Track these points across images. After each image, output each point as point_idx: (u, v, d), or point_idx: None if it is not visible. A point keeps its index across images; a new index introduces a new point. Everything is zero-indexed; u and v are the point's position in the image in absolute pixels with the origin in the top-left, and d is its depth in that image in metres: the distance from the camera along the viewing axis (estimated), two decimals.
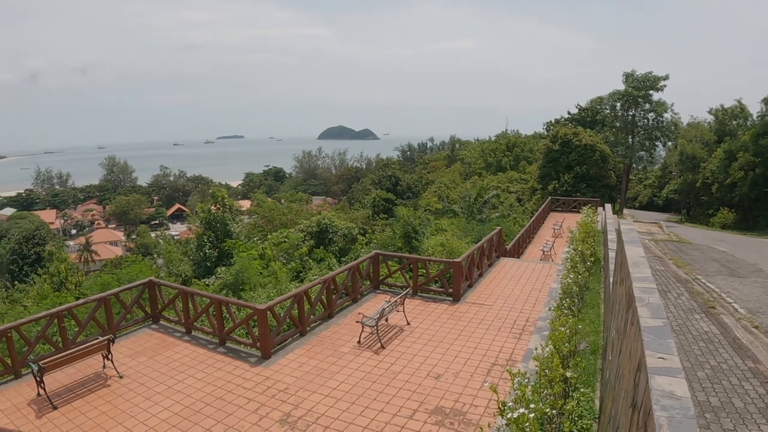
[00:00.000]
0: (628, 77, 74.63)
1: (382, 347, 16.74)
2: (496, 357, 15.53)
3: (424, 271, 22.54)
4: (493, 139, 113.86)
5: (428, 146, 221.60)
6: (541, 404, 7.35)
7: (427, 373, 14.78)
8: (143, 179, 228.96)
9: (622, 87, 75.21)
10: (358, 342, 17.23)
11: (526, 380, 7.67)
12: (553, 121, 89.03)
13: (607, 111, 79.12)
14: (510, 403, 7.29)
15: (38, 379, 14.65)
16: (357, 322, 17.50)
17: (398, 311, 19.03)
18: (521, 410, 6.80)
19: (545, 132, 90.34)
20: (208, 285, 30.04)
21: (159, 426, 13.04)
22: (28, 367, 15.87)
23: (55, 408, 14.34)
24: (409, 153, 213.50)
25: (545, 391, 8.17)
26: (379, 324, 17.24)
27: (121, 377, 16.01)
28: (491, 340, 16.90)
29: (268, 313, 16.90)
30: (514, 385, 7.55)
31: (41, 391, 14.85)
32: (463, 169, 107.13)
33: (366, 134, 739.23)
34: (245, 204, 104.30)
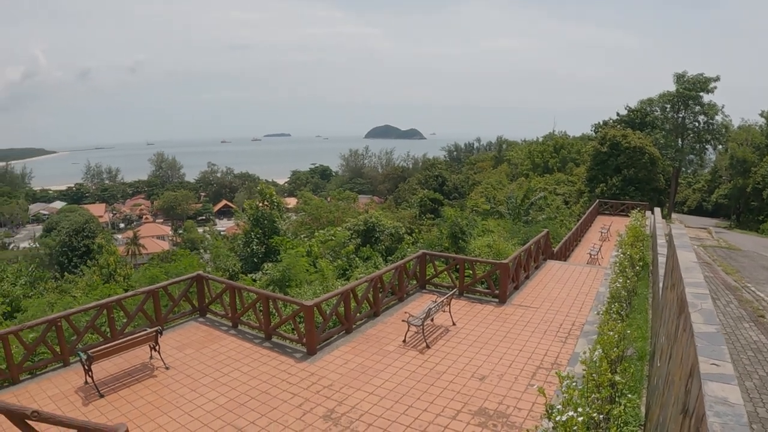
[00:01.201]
0: (679, 78, 73.35)
1: (428, 347, 16.74)
2: (541, 360, 15.44)
3: (471, 271, 22.52)
4: (540, 140, 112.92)
5: (475, 146, 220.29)
6: (588, 408, 7.32)
7: (471, 374, 14.73)
8: (191, 175, 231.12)
9: (672, 88, 74.03)
10: (404, 341, 17.26)
11: (574, 383, 7.64)
12: (601, 122, 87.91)
13: (657, 113, 77.85)
14: (558, 406, 7.27)
15: (86, 367, 14.89)
16: (403, 321, 17.51)
17: (444, 311, 18.97)
18: (570, 413, 6.77)
19: (593, 133, 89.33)
20: (254, 280, 30.19)
21: (204, 417, 13.22)
22: (77, 355, 16.25)
23: (101, 396, 14.61)
24: (455, 153, 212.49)
25: (593, 395, 8.12)
26: (425, 324, 17.19)
27: (167, 368, 16.26)
28: (537, 343, 16.81)
29: (315, 309, 16.97)
30: (563, 387, 7.53)
31: (89, 380, 15.07)
32: (510, 170, 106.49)
33: (413, 134, 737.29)
34: (291, 201, 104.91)
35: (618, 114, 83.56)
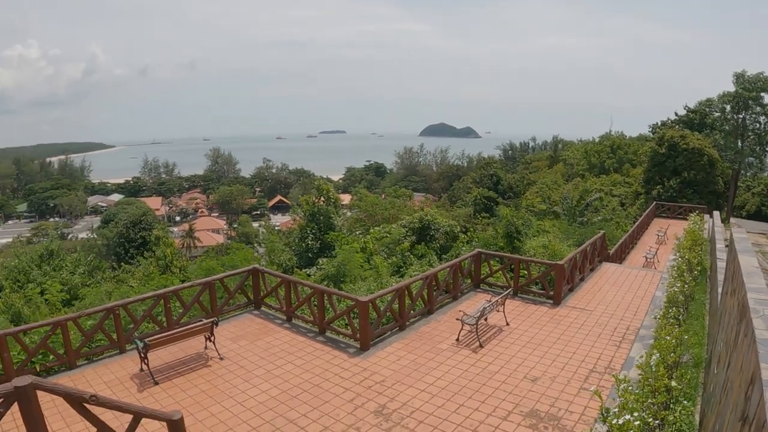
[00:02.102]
0: (739, 78, 71.40)
1: (481, 346, 16.72)
2: (595, 364, 15.29)
3: (526, 272, 22.38)
4: (596, 140, 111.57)
5: (530, 146, 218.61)
6: (643, 413, 7.27)
7: (524, 375, 14.67)
8: (246, 171, 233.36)
9: (732, 87, 72.41)
10: (457, 339, 17.28)
11: (630, 387, 7.60)
12: (659, 123, 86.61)
13: (717, 114, 76.31)
14: (614, 409, 7.23)
15: (143, 355, 15.26)
16: (457, 319, 17.45)
17: (498, 311, 18.95)
18: (627, 417, 6.73)
19: (651, 134, 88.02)
20: (309, 275, 30.39)
21: (256, 408, 13.41)
22: (134, 343, 16.59)
23: (156, 383, 14.95)
24: (510, 152, 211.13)
25: (648, 400, 8.06)
26: (479, 323, 17.18)
27: (221, 359, 16.54)
28: (590, 346, 16.64)
29: (370, 305, 17.05)
30: (619, 391, 7.48)
31: (144, 367, 15.44)
32: (566, 170, 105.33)
33: (468, 132, 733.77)
34: (346, 198, 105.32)
35: (676, 114, 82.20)
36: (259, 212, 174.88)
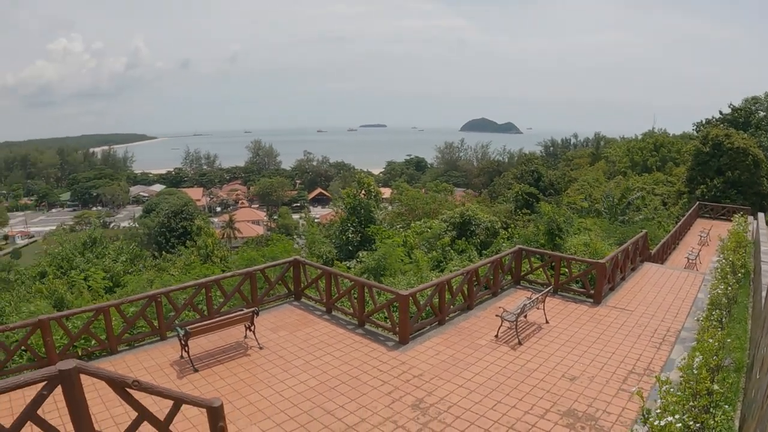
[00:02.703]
0: None
1: (520, 343, 16.69)
2: (634, 365, 15.18)
3: (567, 270, 22.24)
4: (639, 137, 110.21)
5: (572, 142, 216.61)
6: (684, 416, 7.23)
7: (562, 374, 14.63)
8: (287, 163, 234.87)
9: None
10: (496, 336, 17.25)
11: (672, 389, 7.56)
12: (703, 121, 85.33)
13: (763, 113, 74.94)
14: (657, 410, 7.20)
15: (183, 342, 15.50)
16: (496, 315, 17.41)
17: (538, 309, 18.87)
18: (669, 418, 6.71)
19: (695, 132, 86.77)
20: (349, 268, 30.50)
21: (294, 398, 13.54)
22: (175, 330, 16.79)
23: (196, 370, 15.20)
24: (552, 149, 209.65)
25: (689, 403, 8.01)
26: (519, 320, 17.14)
27: (261, 348, 16.75)
28: (630, 347, 16.51)
29: (410, 299, 17.06)
30: (661, 392, 7.44)
31: (184, 354, 15.67)
32: (607, 168, 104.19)
33: (509, 128, 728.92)
34: (386, 192, 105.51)
35: (721, 113, 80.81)
36: (299, 204, 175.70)
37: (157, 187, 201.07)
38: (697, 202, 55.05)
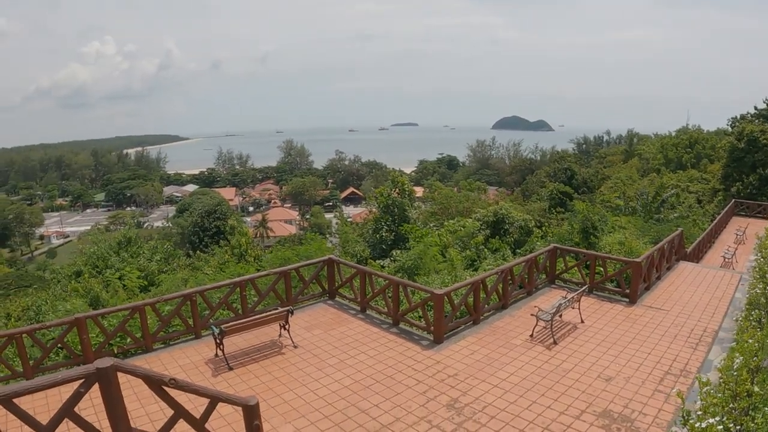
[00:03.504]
0: None
1: (555, 343, 16.62)
2: (670, 366, 15.01)
3: (602, 269, 22.05)
4: (672, 134, 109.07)
5: (604, 140, 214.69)
6: (724, 418, 7.15)
7: (597, 374, 14.52)
8: (319, 162, 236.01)
9: None
10: (531, 335, 17.16)
11: (712, 391, 7.47)
12: (738, 116, 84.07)
13: None
14: (697, 412, 7.13)
15: (218, 341, 15.66)
16: (531, 315, 17.36)
17: (573, 308, 18.73)
18: (710, 420, 6.63)
19: (729, 128, 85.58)
20: (383, 266, 30.51)
21: (328, 396, 13.62)
22: (210, 329, 16.86)
23: (230, 369, 15.38)
24: (584, 146, 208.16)
25: (729, 405, 7.90)
26: (554, 319, 17.05)
27: (295, 347, 16.84)
28: (666, 347, 16.32)
29: (445, 298, 17.06)
30: (702, 394, 7.36)
31: (219, 353, 15.85)
32: (641, 165, 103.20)
33: (540, 125, 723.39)
34: (418, 191, 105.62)
35: (756, 108, 79.48)
36: (331, 203, 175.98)
37: (190, 188, 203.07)
38: (733, 200, 54.10)
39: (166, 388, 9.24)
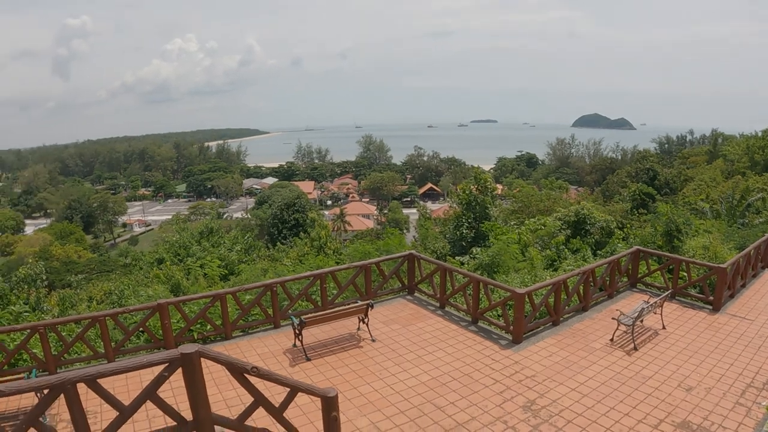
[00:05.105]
0: None
1: (635, 349, 16.33)
2: (753, 378, 14.57)
3: (685, 274, 21.56)
4: (760, 134, 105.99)
5: (687, 139, 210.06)
6: None
7: (678, 383, 14.20)
8: (397, 158, 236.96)
9: None
10: (611, 339, 16.94)
11: None
12: None
13: None
14: None
15: (297, 331, 16.00)
16: (613, 318, 17.06)
17: (655, 313, 18.39)
18: None
19: None
20: (462, 263, 30.45)
21: (405, 392, 13.75)
22: (289, 319, 17.23)
23: (308, 359, 15.67)
24: (666, 146, 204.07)
25: None
26: (635, 324, 16.79)
27: (373, 341, 17.05)
28: (749, 358, 15.85)
29: (526, 298, 17.03)
30: None
31: (298, 343, 16.21)
32: (725, 167, 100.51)
33: (622, 123, 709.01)
34: (497, 188, 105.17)
35: None
36: (409, 199, 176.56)
37: (270, 180, 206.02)
38: None
39: (247, 376, 9.45)
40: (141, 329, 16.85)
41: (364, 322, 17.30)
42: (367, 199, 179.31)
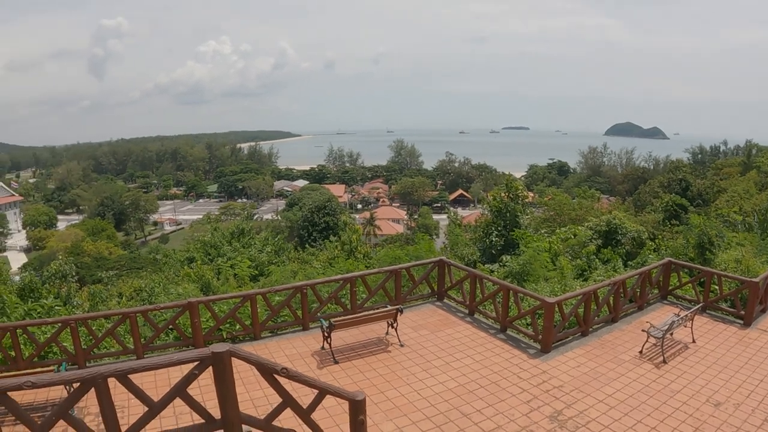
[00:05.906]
0: None
1: (664, 362, 16.19)
2: None
3: (717, 287, 21.36)
4: None
5: (721, 150, 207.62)
6: None
7: (706, 398, 14.03)
8: (428, 163, 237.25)
9: None
10: (640, 352, 16.80)
11: None
12: None
13: None
14: None
15: (326, 334, 16.11)
16: (643, 330, 16.95)
17: (685, 326, 18.18)
18: None
19: None
20: (492, 271, 30.42)
21: (432, 397, 13.78)
22: (318, 322, 17.31)
23: (336, 362, 15.77)
24: (700, 156, 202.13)
25: None
26: (665, 337, 16.68)
27: (402, 346, 17.10)
28: None
29: (555, 307, 16.99)
30: None
31: (326, 346, 16.32)
32: (759, 179, 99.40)
33: (654, 132, 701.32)
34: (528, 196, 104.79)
35: None
36: (439, 205, 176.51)
37: (301, 183, 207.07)
38: None
39: (277, 377, 9.54)
40: (170, 327, 17.07)
41: (393, 327, 17.32)
42: (398, 204, 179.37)
